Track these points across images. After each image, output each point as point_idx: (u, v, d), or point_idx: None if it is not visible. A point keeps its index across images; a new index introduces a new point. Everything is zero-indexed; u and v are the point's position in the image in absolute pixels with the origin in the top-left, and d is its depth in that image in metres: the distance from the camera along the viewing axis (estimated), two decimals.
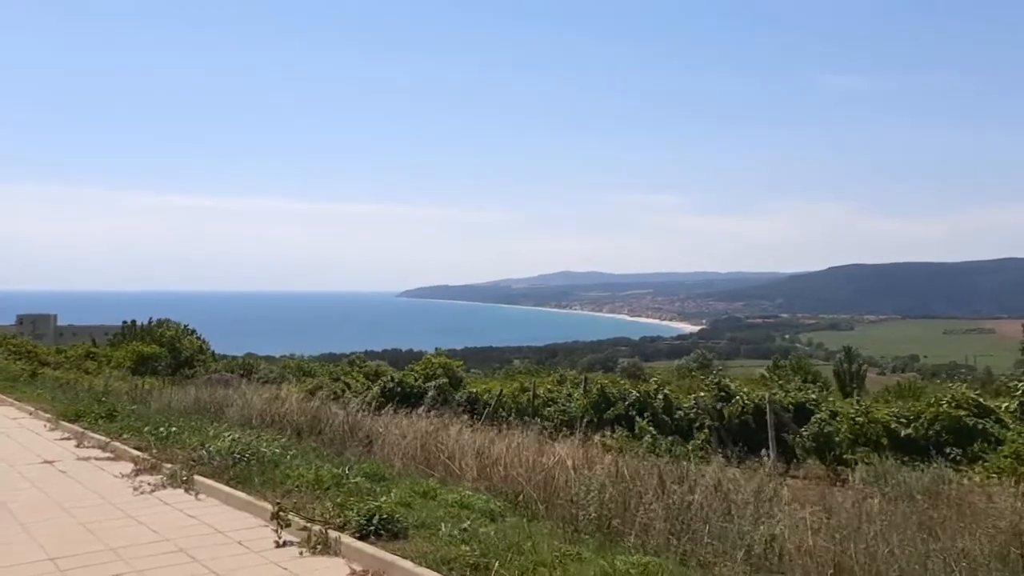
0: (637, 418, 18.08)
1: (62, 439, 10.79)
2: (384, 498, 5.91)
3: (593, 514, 6.73)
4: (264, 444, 8.14)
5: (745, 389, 18.26)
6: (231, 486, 7.07)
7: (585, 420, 19.24)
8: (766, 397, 15.66)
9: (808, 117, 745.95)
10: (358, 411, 11.49)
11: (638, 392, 20.01)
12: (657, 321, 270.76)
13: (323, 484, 6.71)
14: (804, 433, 15.02)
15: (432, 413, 14.01)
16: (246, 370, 35.00)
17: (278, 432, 11.34)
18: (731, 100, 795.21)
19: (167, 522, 6.35)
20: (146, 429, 9.95)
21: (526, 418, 20.78)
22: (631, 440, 17.73)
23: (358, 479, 6.98)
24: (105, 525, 6.33)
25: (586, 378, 20.42)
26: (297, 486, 6.73)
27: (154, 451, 8.86)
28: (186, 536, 5.93)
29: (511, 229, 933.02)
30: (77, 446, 10.09)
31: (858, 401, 18.04)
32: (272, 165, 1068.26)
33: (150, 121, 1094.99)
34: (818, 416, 15.32)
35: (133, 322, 47.21)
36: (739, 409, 17.33)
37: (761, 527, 6.24)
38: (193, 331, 44.57)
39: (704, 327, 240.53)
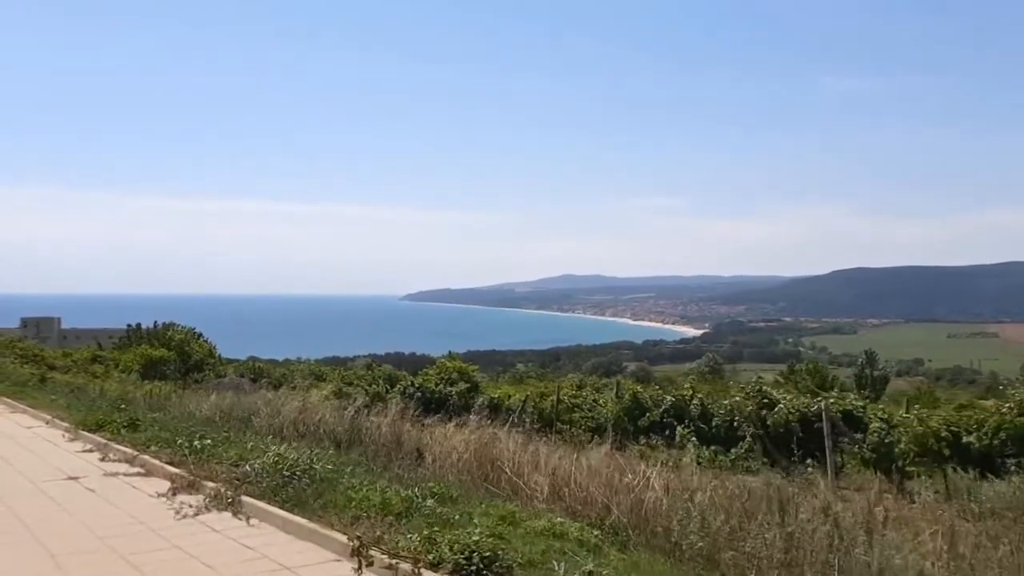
0: (678, 426, 17.32)
1: (84, 451, 10.00)
2: (478, 530, 5.10)
3: (698, 544, 5.95)
4: (316, 460, 7.34)
5: (787, 396, 17.52)
6: (287, 510, 6.28)
7: (617, 427, 18.51)
8: (822, 405, 14.85)
9: (810, 119, 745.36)
10: (400, 420, 10.68)
11: (673, 398, 19.24)
12: (659, 325, 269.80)
13: (392, 508, 5.92)
14: (863, 443, 14.23)
15: (466, 422, 13.25)
16: (256, 375, 34.25)
17: (313, 444, 10.58)
18: (732, 102, 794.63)
19: (221, 554, 5.56)
20: (179, 441, 9.14)
21: (561, 425, 20.03)
22: (669, 449, 16.97)
23: (429, 502, 6.19)
24: (149, 558, 5.54)
25: (619, 383, 19.64)
26: (364, 511, 5.93)
27: (190, 466, 8.06)
28: (248, 573, 5.14)
29: (513, 232, 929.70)
30: (102, 459, 9.30)
31: (908, 408, 17.28)
32: (273, 167, 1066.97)
33: (150, 124, 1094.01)
34: (875, 424, 14.55)
35: (138, 325, 46.41)
36: (784, 417, 16.60)
37: (899, 559, 5.48)
38: (199, 335, 43.83)
39: (707, 331, 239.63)
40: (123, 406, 13.69)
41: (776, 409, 16.92)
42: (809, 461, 15.13)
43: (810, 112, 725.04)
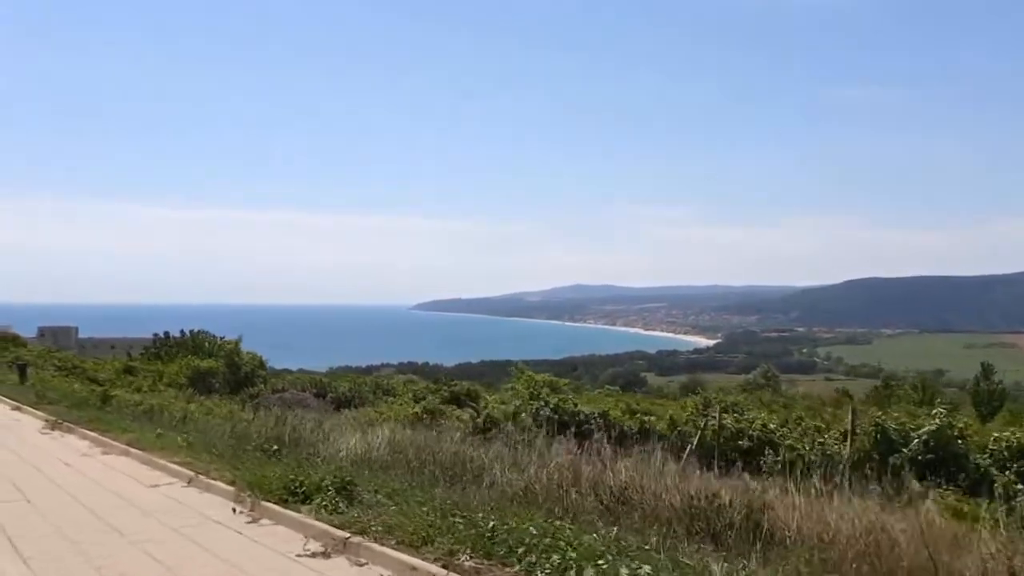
0: (1004, 473, 13.00)
1: (308, 555, 5.57)
2: None
3: None
4: None
5: None
6: None
7: (856, 468, 14.19)
8: None
9: (820, 128, 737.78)
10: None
11: (931, 431, 14.93)
12: (671, 335, 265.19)
13: None
14: None
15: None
16: (320, 389, 29.95)
17: (655, 530, 6.29)
18: (742, 110, 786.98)
19: None
20: (528, 555, 4.71)
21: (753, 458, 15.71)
22: (963, 499, 12.71)
23: None
24: None
25: (854, 409, 15.22)
26: None
27: None
28: None
29: (523, 241, 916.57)
30: None
31: None
32: (281, 177, 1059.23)
33: (155, 133, 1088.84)
34: None
35: (166, 334, 42.56)
36: None
37: None
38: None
39: (719, 340, 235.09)
40: (275, 447, 9.31)
41: None
42: None
43: (821, 120, 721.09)
